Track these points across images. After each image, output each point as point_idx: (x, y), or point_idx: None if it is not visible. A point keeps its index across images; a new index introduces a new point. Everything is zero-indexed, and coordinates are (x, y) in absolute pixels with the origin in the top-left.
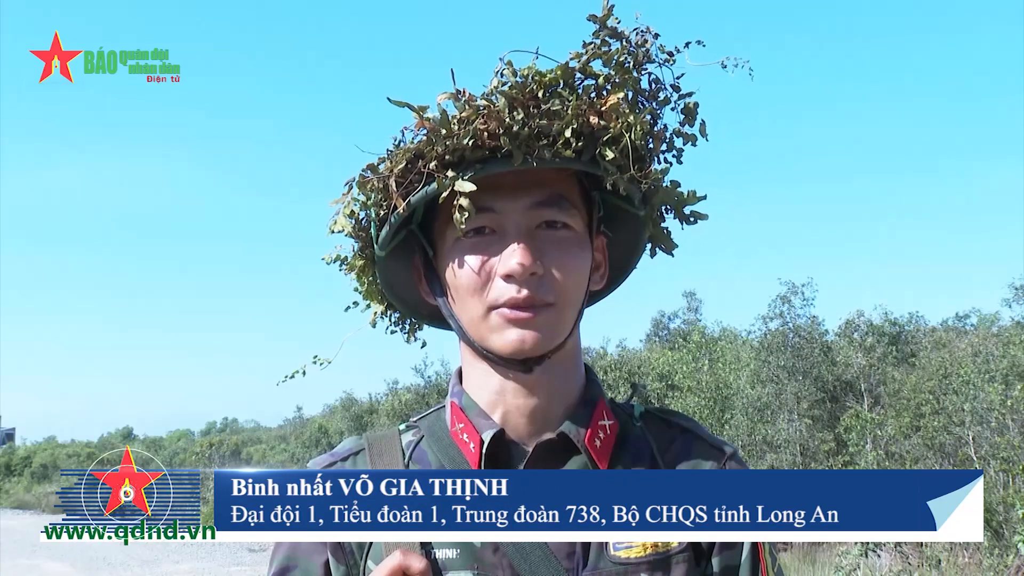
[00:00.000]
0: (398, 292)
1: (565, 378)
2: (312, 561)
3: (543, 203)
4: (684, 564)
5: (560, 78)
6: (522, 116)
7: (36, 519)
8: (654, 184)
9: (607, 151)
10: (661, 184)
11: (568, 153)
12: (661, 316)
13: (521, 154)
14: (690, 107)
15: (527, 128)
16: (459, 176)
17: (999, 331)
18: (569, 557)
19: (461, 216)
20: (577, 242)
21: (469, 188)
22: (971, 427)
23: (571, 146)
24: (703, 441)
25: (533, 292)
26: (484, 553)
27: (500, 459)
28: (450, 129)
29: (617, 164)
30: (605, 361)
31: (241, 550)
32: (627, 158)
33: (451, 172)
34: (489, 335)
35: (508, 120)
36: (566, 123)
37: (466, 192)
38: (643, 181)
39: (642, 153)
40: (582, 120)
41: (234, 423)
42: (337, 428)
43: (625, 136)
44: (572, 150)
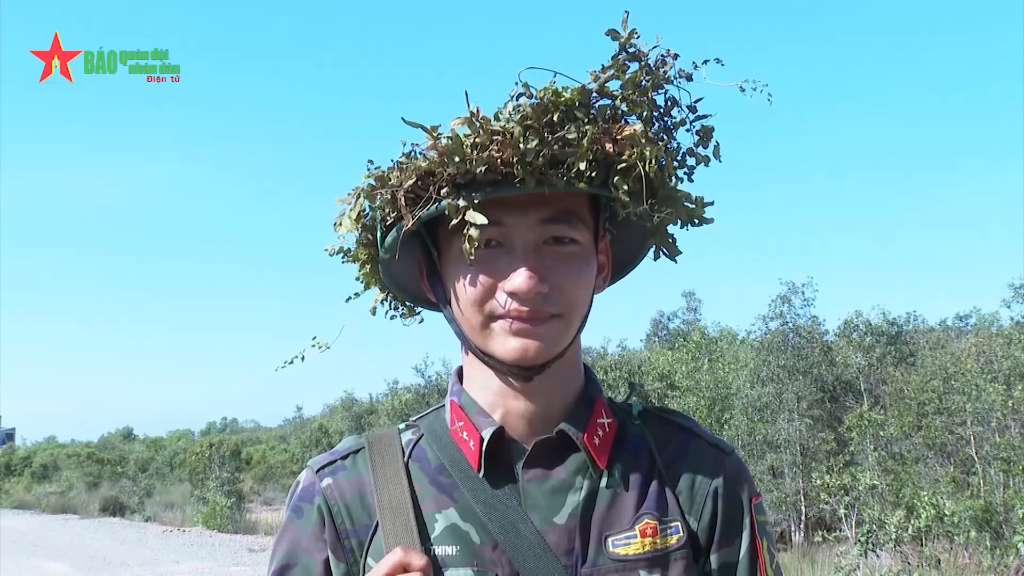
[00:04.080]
0: (400, 285)
1: (565, 379)
2: (312, 558)
3: (551, 219)
4: (682, 561)
5: (577, 99)
6: (536, 143)
7: (36, 519)
8: (667, 216)
9: (622, 183)
10: (672, 218)
11: (581, 185)
12: (661, 316)
13: (533, 180)
14: (706, 129)
15: (541, 157)
16: (470, 205)
17: (999, 331)
18: (568, 554)
19: (470, 247)
20: (584, 256)
21: (481, 221)
22: (972, 427)
23: (583, 177)
24: (701, 440)
25: (537, 308)
26: (483, 550)
27: (500, 457)
28: (463, 155)
29: (630, 192)
30: (605, 361)
31: (241, 550)
32: (640, 187)
33: (462, 196)
34: (491, 342)
35: (522, 147)
36: (581, 156)
37: (477, 224)
38: (656, 213)
39: (656, 186)
40: (596, 148)
41: (234, 423)
42: (337, 428)
43: (638, 166)
44: (584, 180)
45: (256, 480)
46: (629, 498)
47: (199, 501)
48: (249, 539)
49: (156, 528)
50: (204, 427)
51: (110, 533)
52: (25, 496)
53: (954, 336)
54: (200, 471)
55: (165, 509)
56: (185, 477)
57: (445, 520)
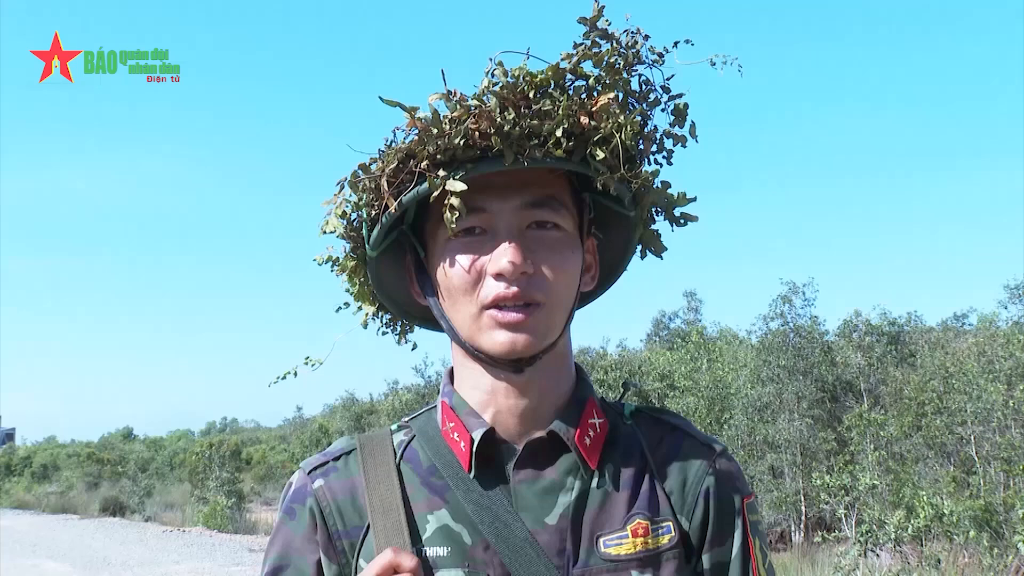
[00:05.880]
0: (389, 292)
1: (555, 378)
2: (305, 559)
3: (534, 203)
4: (674, 560)
5: (551, 79)
6: (513, 116)
7: (36, 519)
8: (644, 185)
9: (597, 151)
10: (651, 185)
11: (559, 153)
12: (662, 316)
13: (512, 154)
14: (680, 108)
15: (518, 128)
16: (450, 176)
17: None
18: (559, 554)
19: (452, 216)
20: (567, 243)
21: (460, 187)
22: (972, 427)
23: (562, 146)
24: (693, 439)
25: (523, 290)
26: (475, 551)
27: (490, 458)
28: (441, 129)
29: (607, 164)
30: (605, 361)
31: (241, 550)
32: (617, 158)
33: (442, 172)
34: (480, 336)
35: (499, 120)
36: (557, 123)
37: (457, 192)
38: (633, 181)
39: (632, 153)
40: (572, 120)
41: (234, 423)
42: (337, 428)
43: (615, 136)
44: (563, 150)
45: (256, 480)
46: (620, 498)
47: (199, 501)
48: (249, 539)
49: (156, 528)
50: (204, 427)
51: (110, 533)
52: (25, 496)
53: (954, 336)
54: (200, 471)
55: (165, 509)
56: (185, 477)
57: (437, 521)
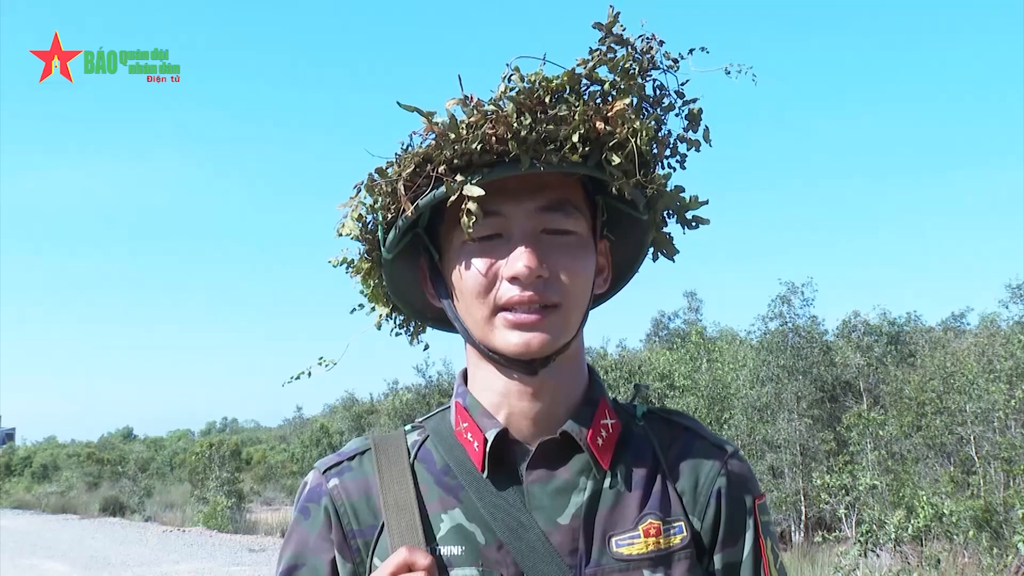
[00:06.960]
0: (403, 294)
1: (568, 380)
2: (319, 559)
3: (548, 208)
4: (686, 561)
5: (567, 84)
6: (530, 121)
7: (36, 519)
8: (658, 189)
9: (613, 156)
10: (665, 189)
11: (575, 158)
12: (662, 316)
13: (528, 158)
14: (694, 113)
15: (535, 133)
16: (467, 180)
17: (996, 331)
18: (572, 554)
19: (469, 220)
20: (581, 246)
21: (477, 193)
22: (972, 427)
23: (578, 151)
24: (705, 440)
25: (539, 294)
26: (488, 550)
27: (504, 458)
28: (459, 134)
29: (623, 169)
30: (605, 361)
31: (242, 550)
32: (632, 163)
33: (459, 176)
34: (494, 337)
35: (516, 125)
36: (573, 128)
37: (474, 196)
38: (648, 186)
39: (647, 158)
40: (588, 125)
41: (234, 423)
42: (337, 428)
43: (631, 141)
44: (578, 155)
45: (256, 480)
46: (632, 498)
47: (199, 501)
48: (249, 539)
49: (156, 528)
50: (204, 427)
51: (110, 533)
52: (25, 496)
53: (954, 336)
54: (200, 471)
55: (165, 509)
56: (185, 477)
57: (450, 520)
